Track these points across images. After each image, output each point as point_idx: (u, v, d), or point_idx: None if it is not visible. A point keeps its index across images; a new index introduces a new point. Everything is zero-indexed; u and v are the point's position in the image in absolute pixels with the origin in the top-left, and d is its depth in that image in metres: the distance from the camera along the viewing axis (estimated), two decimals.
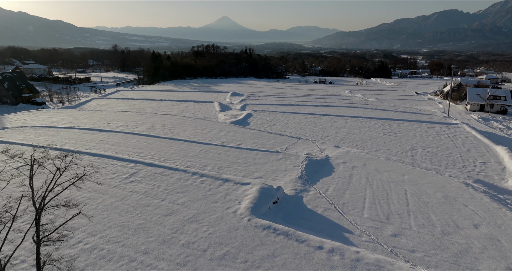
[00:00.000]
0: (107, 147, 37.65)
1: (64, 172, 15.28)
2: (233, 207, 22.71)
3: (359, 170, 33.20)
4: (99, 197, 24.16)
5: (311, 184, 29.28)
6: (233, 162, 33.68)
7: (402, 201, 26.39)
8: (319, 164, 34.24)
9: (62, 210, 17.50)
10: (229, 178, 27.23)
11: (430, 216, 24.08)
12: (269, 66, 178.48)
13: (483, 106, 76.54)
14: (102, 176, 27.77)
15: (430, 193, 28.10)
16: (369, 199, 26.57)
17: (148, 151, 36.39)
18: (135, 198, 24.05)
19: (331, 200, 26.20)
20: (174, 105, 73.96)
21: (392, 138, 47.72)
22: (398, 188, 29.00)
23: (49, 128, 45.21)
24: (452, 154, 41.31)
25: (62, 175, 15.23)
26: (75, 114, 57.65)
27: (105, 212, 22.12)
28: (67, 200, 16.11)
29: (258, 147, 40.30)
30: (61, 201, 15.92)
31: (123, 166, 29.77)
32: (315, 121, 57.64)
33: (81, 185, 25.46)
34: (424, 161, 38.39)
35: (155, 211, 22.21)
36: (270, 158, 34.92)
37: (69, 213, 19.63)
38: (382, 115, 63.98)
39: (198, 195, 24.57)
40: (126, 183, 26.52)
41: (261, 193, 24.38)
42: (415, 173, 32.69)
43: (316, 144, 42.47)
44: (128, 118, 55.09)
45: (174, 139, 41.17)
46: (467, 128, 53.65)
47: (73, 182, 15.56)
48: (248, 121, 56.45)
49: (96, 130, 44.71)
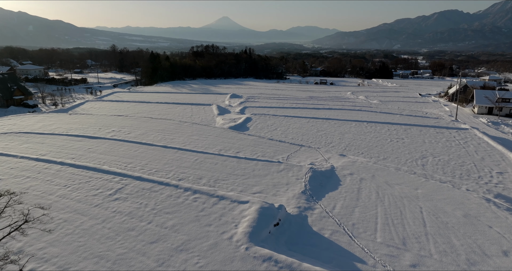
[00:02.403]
0: (94, 156, 34.87)
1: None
2: (228, 232, 19.93)
3: (368, 182, 30.42)
4: (77, 218, 21.37)
5: (316, 200, 26.50)
6: (231, 173, 30.90)
7: (418, 221, 23.60)
8: (324, 175, 31.45)
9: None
10: (225, 194, 24.44)
11: (452, 240, 21.30)
12: (269, 66, 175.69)
13: (492, 109, 73.73)
14: (84, 192, 25.00)
15: (448, 210, 25.32)
16: (381, 219, 23.79)
17: (138, 161, 33.60)
18: (118, 219, 21.27)
19: (339, 220, 23.42)
20: (170, 108, 71.17)
21: (400, 145, 44.93)
22: (412, 204, 26.22)
23: (35, 135, 42.42)
24: (466, 162, 38.54)
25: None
26: (65, 119, 54.85)
27: (83, 238, 19.33)
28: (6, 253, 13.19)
29: (258, 155, 37.52)
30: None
31: (108, 180, 26.97)
32: (317, 126, 54.85)
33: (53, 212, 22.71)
34: (436, 170, 35.62)
35: (140, 237, 19.42)
36: (270, 169, 32.14)
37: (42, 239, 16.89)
38: (388, 119, 61.19)
39: (190, 216, 21.79)
40: (110, 201, 23.73)
41: (260, 214, 21.60)
42: (429, 186, 29.91)
43: (320, 152, 39.68)
44: (121, 123, 52.29)
45: (167, 146, 38.37)
46: (479, 134, 50.86)
47: (9, 232, 12.63)
48: (248, 126, 53.68)
49: (85, 137, 41.92)
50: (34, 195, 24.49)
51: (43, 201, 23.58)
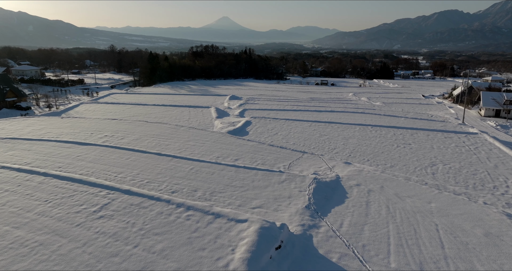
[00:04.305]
0: (83, 165, 32.57)
1: None
2: (224, 258, 17.64)
3: (377, 195, 28.12)
4: (55, 241, 19.06)
5: (322, 216, 24.19)
6: (228, 185, 28.61)
7: (435, 241, 21.31)
8: (329, 187, 29.15)
9: None
10: (221, 211, 22.13)
11: (475, 266, 19.01)
12: (269, 67, 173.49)
13: (499, 112, 71.47)
14: (66, 209, 22.71)
15: (467, 228, 23.02)
16: (394, 239, 21.49)
17: (129, 171, 31.30)
18: (101, 242, 18.96)
19: (348, 241, 21.12)
20: (167, 111, 68.89)
21: (407, 151, 42.65)
22: (426, 221, 23.91)
23: (22, 141, 40.10)
24: (478, 170, 36.27)
25: None
26: (56, 123, 52.53)
27: (58, 266, 17.03)
28: None
29: (258, 163, 35.22)
30: None
31: (94, 194, 24.66)
32: (320, 130, 52.56)
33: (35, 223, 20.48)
34: (448, 180, 33.35)
35: (124, 265, 17.12)
36: (271, 180, 29.84)
37: None
38: (392, 123, 58.91)
39: (182, 237, 19.49)
40: (94, 219, 21.42)
41: (261, 236, 19.30)
42: (443, 200, 27.61)
43: (324, 160, 37.37)
44: (114, 127, 49.99)
45: (161, 154, 36.05)
46: (489, 139, 48.59)
47: None
48: (247, 130, 51.40)
49: (74, 143, 39.60)
50: (10, 212, 22.20)
51: (20, 219, 21.29)
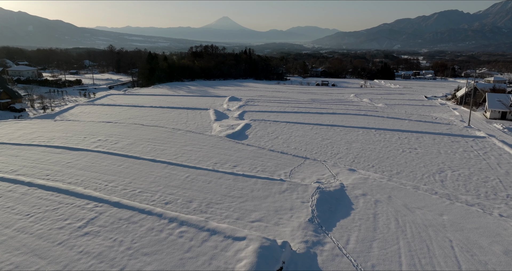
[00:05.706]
0: (72, 172, 30.76)
1: None
2: None
3: (384, 206, 26.32)
4: (33, 263, 17.26)
5: (326, 231, 22.39)
6: (226, 195, 26.80)
7: (450, 261, 19.51)
8: (333, 197, 27.35)
9: None
10: (217, 227, 20.33)
11: None
12: (269, 67, 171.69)
13: (505, 114, 69.67)
14: (49, 224, 20.91)
15: (484, 245, 21.23)
16: (405, 258, 19.69)
17: (121, 179, 29.50)
18: (84, 264, 17.16)
19: (355, 260, 19.32)
20: (165, 113, 67.09)
21: (413, 156, 40.84)
22: (439, 236, 22.12)
23: (11, 146, 38.30)
24: (489, 178, 34.45)
25: None
26: (49, 126, 50.71)
27: None
28: None
29: (257, 170, 33.41)
30: None
31: (81, 207, 22.86)
32: (322, 133, 50.75)
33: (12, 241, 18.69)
34: (458, 188, 31.54)
35: None
36: (271, 189, 28.03)
37: None
38: (396, 126, 57.11)
39: (173, 259, 17.69)
40: (78, 236, 19.63)
41: (260, 256, 17.51)
42: (456, 212, 25.81)
43: (327, 166, 35.56)
44: (108, 130, 48.18)
45: (156, 160, 34.25)
46: (498, 143, 46.79)
47: None
48: (246, 134, 49.60)
49: (66, 148, 37.79)
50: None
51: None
